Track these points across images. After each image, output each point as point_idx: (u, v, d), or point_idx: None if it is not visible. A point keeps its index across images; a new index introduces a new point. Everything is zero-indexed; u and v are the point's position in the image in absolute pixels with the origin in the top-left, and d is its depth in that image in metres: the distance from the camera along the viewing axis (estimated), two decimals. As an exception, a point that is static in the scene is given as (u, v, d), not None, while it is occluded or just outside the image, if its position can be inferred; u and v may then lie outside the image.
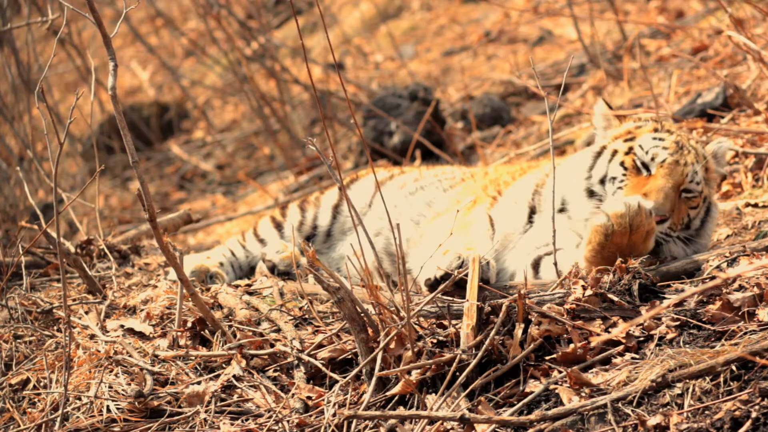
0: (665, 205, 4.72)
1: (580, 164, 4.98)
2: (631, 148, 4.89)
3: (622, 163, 4.88)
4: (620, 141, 4.96)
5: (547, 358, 4.21)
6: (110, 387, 4.56)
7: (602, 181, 4.89)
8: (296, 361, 4.59)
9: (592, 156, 4.98)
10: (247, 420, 4.38)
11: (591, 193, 4.90)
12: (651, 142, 4.90)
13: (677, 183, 4.81)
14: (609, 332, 4.25)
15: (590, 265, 4.56)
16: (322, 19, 4.28)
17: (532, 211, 5.11)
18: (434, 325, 4.42)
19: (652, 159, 4.84)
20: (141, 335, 4.90)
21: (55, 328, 5.15)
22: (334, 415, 4.26)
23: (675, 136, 4.94)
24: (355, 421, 4.16)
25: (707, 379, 3.89)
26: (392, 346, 4.30)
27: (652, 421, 3.79)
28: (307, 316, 4.94)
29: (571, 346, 4.19)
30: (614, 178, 4.87)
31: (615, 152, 4.93)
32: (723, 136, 6.32)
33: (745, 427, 3.69)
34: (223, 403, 4.46)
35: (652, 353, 4.14)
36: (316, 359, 4.54)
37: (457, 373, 4.17)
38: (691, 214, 4.86)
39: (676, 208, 4.79)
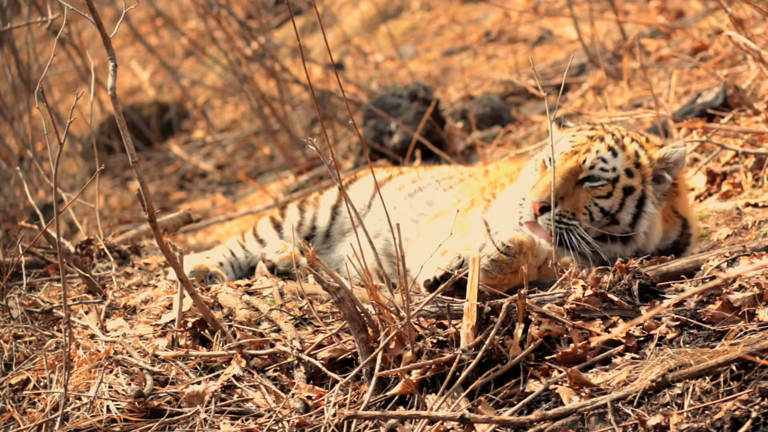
0: (546, 193, 4.77)
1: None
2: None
3: (537, 167, 4.99)
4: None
5: (547, 358, 4.21)
6: (110, 387, 4.56)
7: None
8: (296, 361, 4.59)
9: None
10: (247, 420, 4.38)
11: None
12: (565, 140, 4.98)
13: (571, 170, 4.86)
14: (609, 332, 4.25)
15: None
16: (320, 20, 4.27)
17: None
18: (434, 325, 4.42)
19: (556, 154, 4.91)
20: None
21: (55, 328, 5.15)
22: (334, 415, 4.26)
23: (596, 131, 4.98)
24: (355, 421, 4.16)
25: (707, 379, 3.89)
26: (392, 346, 4.30)
27: (652, 421, 3.79)
28: (307, 316, 4.93)
29: (571, 346, 4.19)
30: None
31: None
32: (723, 135, 6.32)
33: (745, 427, 3.69)
34: (223, 403, 4.45)
35: (652, 353, 4.13)
36: (316, 359, 4.54)
37: (457, 373, 4.17)
38: (602, 204, 4.86)
39: (571, 195, 4.83)
